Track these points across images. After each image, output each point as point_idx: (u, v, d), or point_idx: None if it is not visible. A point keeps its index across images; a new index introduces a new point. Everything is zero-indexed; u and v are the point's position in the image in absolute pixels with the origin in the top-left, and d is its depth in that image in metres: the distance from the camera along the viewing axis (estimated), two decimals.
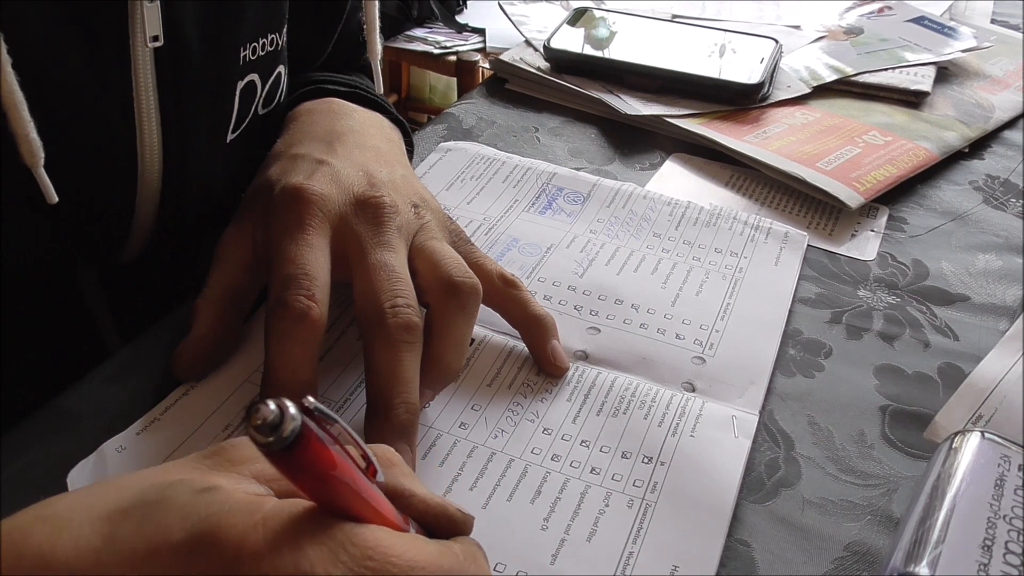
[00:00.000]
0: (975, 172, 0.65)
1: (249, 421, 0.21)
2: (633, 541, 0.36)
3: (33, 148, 0.36)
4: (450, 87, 2.18)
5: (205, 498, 0.24)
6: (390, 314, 0.37)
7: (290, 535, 0.24)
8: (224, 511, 0.24)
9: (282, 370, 0.36)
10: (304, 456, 0.22)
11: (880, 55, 0.76)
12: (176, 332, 0.41)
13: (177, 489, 0.25)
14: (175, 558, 0.23)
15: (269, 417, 0.21)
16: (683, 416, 0.41)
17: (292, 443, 0.21)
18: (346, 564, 0.23)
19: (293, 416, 0.21)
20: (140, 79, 0.41)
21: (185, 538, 0.23)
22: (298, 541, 0.23)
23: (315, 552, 0.23)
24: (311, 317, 0.36)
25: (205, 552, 0.23)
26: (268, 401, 0.21)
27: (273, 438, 0.21)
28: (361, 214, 0.40)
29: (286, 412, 0.21)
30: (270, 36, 0.47)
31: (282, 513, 0.24)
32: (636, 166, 0.63)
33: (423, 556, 0.25)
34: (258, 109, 0.49)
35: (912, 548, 0.32)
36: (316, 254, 0.38)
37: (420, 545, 0.26)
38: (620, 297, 0.48)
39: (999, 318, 0.50)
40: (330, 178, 0.41)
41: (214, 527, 0.23)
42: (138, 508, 0.24)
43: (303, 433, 0.21)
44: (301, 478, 0.23)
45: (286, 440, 0.21)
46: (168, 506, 0.24)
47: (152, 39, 0.40)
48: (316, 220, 0.39)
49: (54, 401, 0.40)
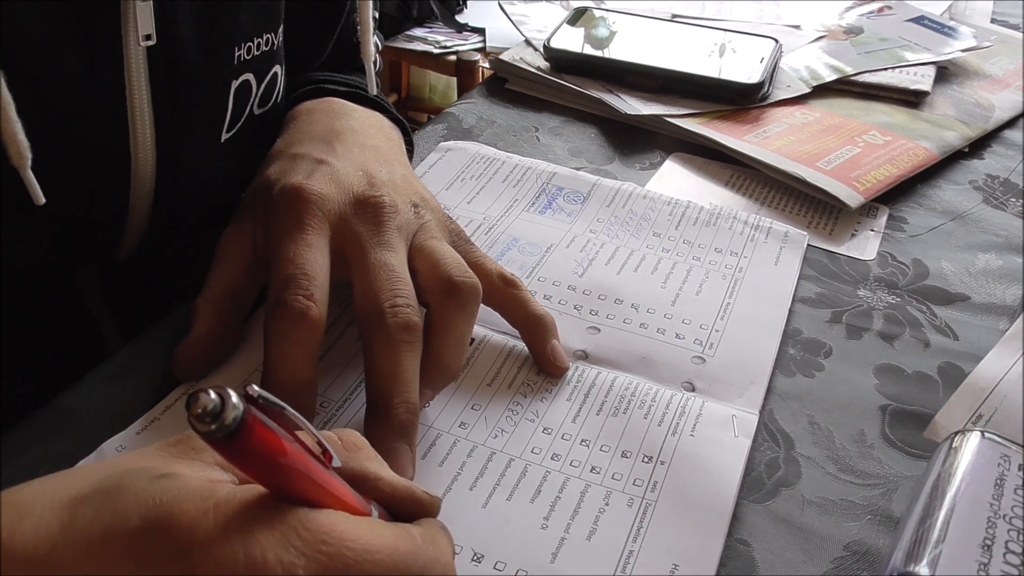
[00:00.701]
0: (975, 172, 0.65)
1: (189, 410, 0.21)
2: (633, 540, 0.36)
3: (20, 149, 0.36)
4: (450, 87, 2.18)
5: (161, 484, 0.24)
6: (390, 314, 0.37)
7: (241, 521, 0.23)
8: (178, 498, 0.24)
9: (281, 370, 0.36)
10: (248, 443, 0.22)
11: (880, 55, 0.76)
12: (176, 332, 0.41)
13: (135, 476, 0.24)
14: (129, 544, 0.23)
15: (209, 405, 0.21)
16: (683, 415, 0.41)
17: (235, 431, 0.21)
18: (299, 549, 0.23)
19: (235, 404, 0.21)
20: (133, 78, 0.41)
21: (139, 524, 0.23)
22: (249, 527, 0.23)
23: (266, 538, 0.23)
24: (310, 317, 0.36)
25: (157, 538, 0.23)
26: (208, 389, 0.21)
27: (215, 426, 0.21)
28: (361, 214, 0.40)
29: (227, 400, 0.21)
30: (265, 36, 0.47)
31: (235, 499, 0.24)
32: (636, 166, 0.63)
33: (379, 540, 0.25)
34: (254, 109, 0.49)
35: (912, 548, 0.32)
36: (315, 254, 0.38)
37: (377, 529, 0.26)
38: (620, 297, 0.48)
39: (999, 318, 0.50)
40: (330, 178, 0.41)
41: (167, 514, 0.23)
42: (96, 495, 0.24)
43: (245, 420, 0.21)
44: (248, 465, 0.23)
45: (228, 428, 0.21)
46: (125, 493, 0.24)
47: (145, 38, 0.40)
48: (315, 220, 0.39)
49: (54, 401, 0.40)
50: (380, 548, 0.25)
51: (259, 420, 0.22)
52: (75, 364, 0.42)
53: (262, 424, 0.22)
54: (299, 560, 0.23)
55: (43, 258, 0.45)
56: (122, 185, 0.44)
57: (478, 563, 0.34)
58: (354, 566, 0.24)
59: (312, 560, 0.23)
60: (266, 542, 0.23)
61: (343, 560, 0.24)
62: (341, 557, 0.24)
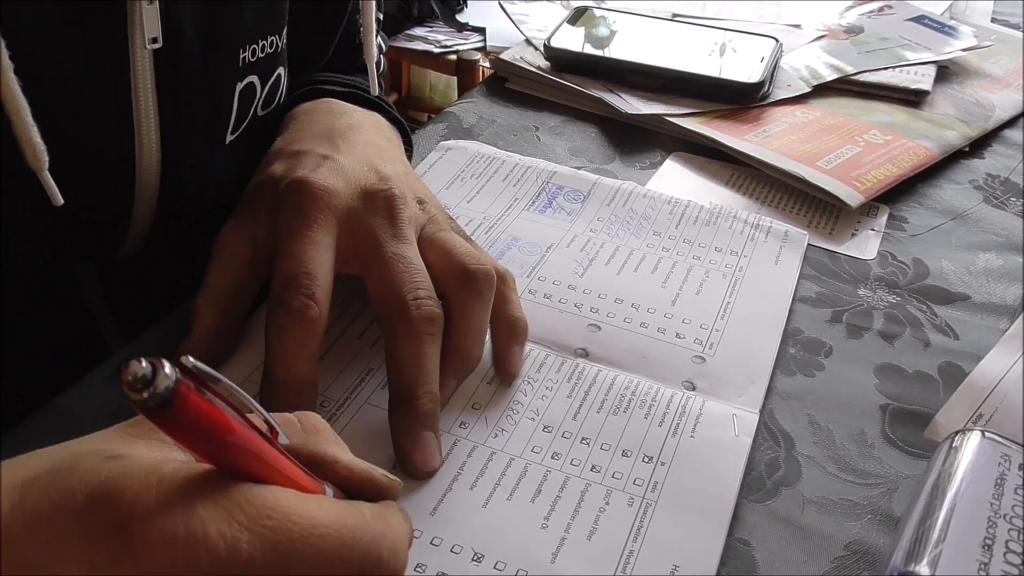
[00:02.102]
0: (975, 171, 0.65)
1: (120, 378, 0.21)
2: (633, 540, 0.36)
3: (37, 152, 0.36)
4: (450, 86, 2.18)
5: (109, 464, 0.24)
6: (413, 306, 0.38)
7: (183, 495, 0.23)
8: (123, 474, 0.23)
9: (281, 368, 0.37)
10: (182, 413, 0.21)
11: (880, 54, 0.76)
12: (176, 331, 0.41)
13: (85, 457, 0.24)
14: (73, 520, 0.23)
15: (139, 373, 0.20)
16: (683, 415, 0.41)
17: (167, 399, 0.21)
18: (241, 523, 0.23)
19: (167, 374, 0.21)
20: (139, 81, 0.41)
21: (83, 501, 0.23)
22: (191, 501, 0.23)
23: (208, 512, 0.23)
24: (310, 316, 0.36)
25: (100, 513, 0.23)
26: (140, 358, 0.21)
27: (147, 394, 0.21)
28: (372, 207, 0.40)
29: (160, 369, 0.21)
30: (270, 38, 0.47)
31: (179, 475, 0.24)
32: (636, 165, 0.63)
33: (326, 515, 0.25)
34: (257, 110, 0.49)
35: (912, 547, 0.32)
36: (319, 251, 0.38)
37: (324, 505, 0.25)
38: (620, 296, 0.48)
39: (999, 317, 0.50)
40: (336, 172, 0.41)
41: (110, 489, 0.23)
42: (48, 475, 0.24)
43: (178, 390, 0.21)
44: (185, 437, 0.23)
45: (160, 396, 0.21)
46: (74, 472, 0.24)
47: (151, 41, 0.40)
48: (321, 216, 0.39)
49: (54, 401, 0.40)
50: (326, 523, 0.25)
51: (193, 390, 0.22)
52: (75, 364, 0.42)
53: (197, 395, 0.22)
54: (242, 534, 0.23)
55: (45, 258, 0.45)
56: (127, 187, 0.44)
57: (478, 563, 0.34)
58: (299, 540, 0.24)
59: (255, 535, 0.23)
60: (208, 516, 0.23)
61: (287, 534, 0.24)
62: (286, 531, 0.24)
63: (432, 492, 0.37)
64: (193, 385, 0.22)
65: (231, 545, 0.23)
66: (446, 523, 0.36)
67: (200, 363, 0.23)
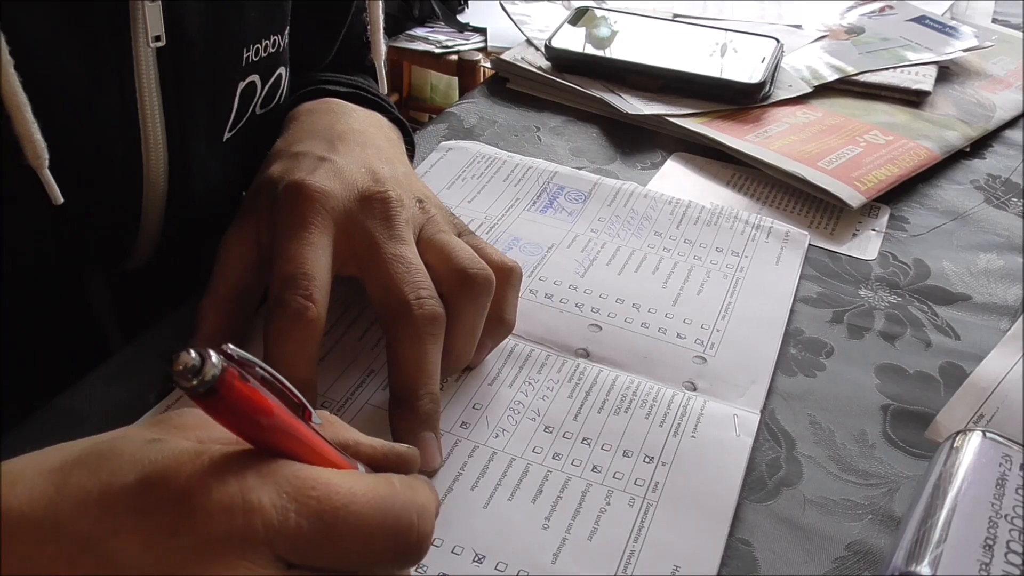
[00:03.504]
0: (976, 171, 0.65)
1: (171, 367, 0.22)
2: (634, 540, 0.36)
3: (37, 149, 0.36)
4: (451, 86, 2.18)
5: (154, 446, 0.25)
6: (416, 306, 0.38)
7: (236, 470, 0.25)
8: (172, 455, 0.25)
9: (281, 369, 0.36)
10: (230, 398, 0.23)
11: (881, 54, 0.76)
12: (178, 331, 0.41)
13: (126, 440, 0.26)
14: (127, 499, 0.24)
15: (190, 363, 0.22)
16: (685, 415, 0.41)
17: (215, 386, 0.23)
18: (290, 494, 0.25)
19: (214, 362, 0.23)
20: (143, 80, 0.41)
21: (136, 479, 0.24)
22: (243, 475, 0.25)
23: (260, 484, 0.25)
24: (308, 317, 0.36)
25: (155, 490, 0.24)
26: (189, 349, 0.22)
27: (196, 381, 0.22)
28: (368, 210, 0.40)
29: (207, 358, 0.23)
30: (272, 38, 0.47)
31: (227, 454, 0.25)
32: (637, 165, 0.63)
33: (361, 486, 0.27)
34: (256, 109, 0.49)
35: (913, 547, 0.32)
36: (317, 253, 0.38)
37: (357, 477, 0.27)
38: (621, 296, 0.48)
39: (1000, 317, 0.50)
40: (333, 174, 0.41)
41: (163, 467, 0.24)
42: (90, 457, 0.25)
43: (224, 377, 0.23)
44: (231, 420, 0.25)
45: (208, 383, 0.23)
46: (118, 454, 0.25)
47: (154, 39, 0.40)
48: (319, 218, 0.39)
49: (56, 401, 0.40)
50: (362, 492, 0.26)
51: (238, 376, 0.24)
52: (79, 366, 0.42)
53: (241, 380, 0.24)
54: (291, 504, 0.25)
55: (56, 261, 0.45)
56: (135, 186, 0.44)
57: (479, 563, 0.34)
58: (341, 508, 0.25)
59: (303, 504, 0.25)
60: (260, 488, 0.24)
61: (331, 503, 0.25)
62: (329, 501, 0.25)
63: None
64: (237, 372, 0.24)
65: (283, 514, 0.24)
66: (447, 524, 0.36)
67: (240, 350, 0.25)
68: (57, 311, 0.49)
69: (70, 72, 0.38)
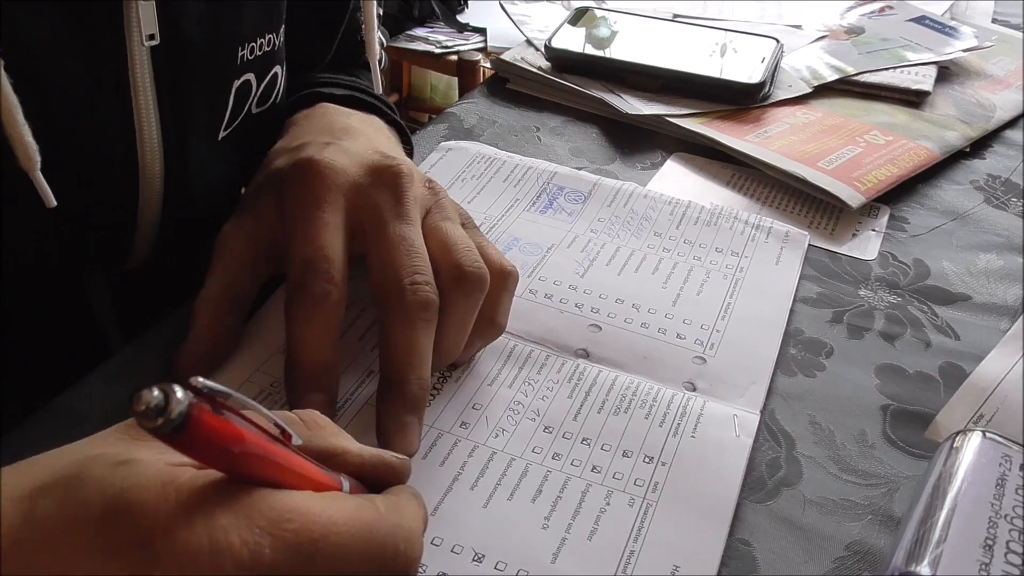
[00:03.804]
0: (976, 172, 0.65)
1: (132, 407, 0.21)
2: (634, 540, 0.36)
3: (29, 152, 0.36)
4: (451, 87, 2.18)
5: (121, 471, 0.24)
6: (409, 291, 0.37)
7: (203, 505, 0.23)
8: (138, 484, 0.23)
9: (305, 353, 0.37)
10: (197, 436, 0.22)
11: (881, 55, 0.76)
12: (177, 331, 0.41)
13: (94, 464, 0.24)
14: (91, 534, 0.23)
15: (152, 402, 0.20)
16: (684, 415, 0.41)
17: (181, 424, 0.21)
18: (263, 528, 0.23)
19: (179, 399, 0.21)
20: (137, 78, 0.41)
21: (100, 513, 0.23)
22: (211, 511, 0.23)
23: (229, 521, 0.23)
24: (331, 301, 0.37)
25: (119, 527, 0.23)
26: (152, 387, 0.21)
27: (161, 421, 0.21)
28: (379, 183, 0.40)
29: (171, 395, 0.21)
30: (268, 36, 0.47)
31: (196, 484, 0.24)
32: (637, 165, 0.63)
33: (342, 513, 0.25)
34: (251, 108, 0.49)
35: (913, 548, 0.32)
36: (332, 233, 0.38)
37: (339, 503, 0.26)
38: (621, 296, 0.48)
39: (1000, 317, 0.50)
40: (342, 152, 0.41)
41: (127, 502, 0.23)
42: (58, 485, 0.24)
43: (192, 413, 0.21)
44: (202, 456, 0.23)
45: (174, 422, 0.21)
46: (85, 482, 0.24)
47: (148, 37, 0.40)
48: (331, 195, 0.39)
49: (55, 401, 0.40)
50: (343, 520, 0.25)
51: (207, 411, 0.22)
52: (80, 367, 0.42)
53: (211, 414, 0.22)
54: (264, 540, 0.23)
55: (55, 262, 0.45)
56: (131, 187, 0.44)
57: (479, 563, 0.34)
58: (319, 539, 0.24)
59: (277, 538, 0.24)
60: (230, 525, 0.23)
61: (308, 535, 0.24)
62: (306, 533, 0.24)
63: (433, 492, 0.37)
64: (206, 406, 0.22)
65: (254, 551, 0.23)
66: (447, 523, 0.36)
67: (209, 381, 0.23)
68: (57, 311, 0.49)
69: (69, 72, 0.38)
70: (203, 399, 0.22)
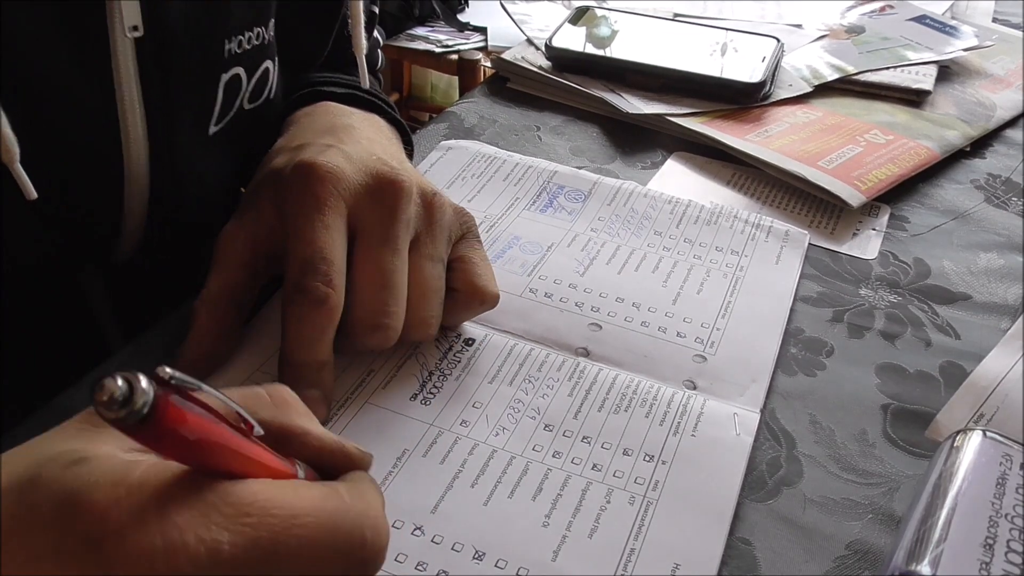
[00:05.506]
0: (977, 171, 0.65)
1: (94, 396, 0.20)
2: (635, 538, 0.36)
3: (8, 144, 0.36)
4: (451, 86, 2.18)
5: (73, 472, 0.23)
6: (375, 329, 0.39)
7: (156, 504, 0.22)
8: (89, 484, 0.23)
9: (301, 352, 0.38)
10: (161, 427, 0.21)
11: (882, 54, 0.76)
12: (177, 331, 0.41)
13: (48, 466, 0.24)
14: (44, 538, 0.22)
15: (116, 392, 0.20)
16: (684, 414, 0.41)
17: (146, 416, 0.20)
18: (220, 524, 0.23)
19: (144, 390, 0.20)
20: (121, 70, 0.41)
21: (52, 517, 0.22)
22: (165, 510, 0.22)
23: (184, 519, 0.22)
24: (330, 304, 0.37)
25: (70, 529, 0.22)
26: (116, 375, 0.20)
27: (124, 413, 0.20)
28: (377, 197, 0.40)
29: (136, 385, 0.20)
30: (256, 30, 0.47)
31: (149, 482, 0.23)
32: (637, 165, 0.63)
33: (304, 503, 0.25)
34: (244, 103, 0.49)
35: (914, 547, 0.32)
36: (333, 235, 0.38)
37: (301, 491, 0.25)
38: (621, 295, 0.48)
39: (1001, 317, 0.50)
40: (343, 156, 0.41)
41: (77, 503, 0.22)
42: (12, 490, 0.23)
43: (157, 404, 0.20)
44: (163, 447, 0.22)
45: (138, 414, 0.20)
46: (37, 485, 0.23)
47: (131, 29, 0.40)
48: (332, 198, 0.39)
49: (54, 401, 0.40)
50: (307, 511, 0.24)
51: (171, 402, 0.21)
52: (78, 366, 0.42)
53: (175, 406, 0.21)
54: (222, 536, 0.23)
55: (44, 258, 0.45)
56: (116, 181, 0.44)
57: (479, 561, 0.34)
58: (281, 532, 0.24)
59: (236, 533, 0.23)
60: (185, 523, 0.22)
61: (269, 528, 0.23)
62: (267, 526, 0.23)
63: (433, 490, 0.37)
64: (171, 398, 0.21)
65: (212, 548, 0.22)
66: (447, 521, 0.36)
67: (177, 372, 0.22)
68: (56, 311, 0.49)
69: (51, 63, 0.38)
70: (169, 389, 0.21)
